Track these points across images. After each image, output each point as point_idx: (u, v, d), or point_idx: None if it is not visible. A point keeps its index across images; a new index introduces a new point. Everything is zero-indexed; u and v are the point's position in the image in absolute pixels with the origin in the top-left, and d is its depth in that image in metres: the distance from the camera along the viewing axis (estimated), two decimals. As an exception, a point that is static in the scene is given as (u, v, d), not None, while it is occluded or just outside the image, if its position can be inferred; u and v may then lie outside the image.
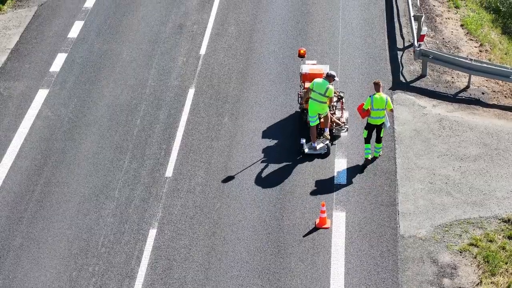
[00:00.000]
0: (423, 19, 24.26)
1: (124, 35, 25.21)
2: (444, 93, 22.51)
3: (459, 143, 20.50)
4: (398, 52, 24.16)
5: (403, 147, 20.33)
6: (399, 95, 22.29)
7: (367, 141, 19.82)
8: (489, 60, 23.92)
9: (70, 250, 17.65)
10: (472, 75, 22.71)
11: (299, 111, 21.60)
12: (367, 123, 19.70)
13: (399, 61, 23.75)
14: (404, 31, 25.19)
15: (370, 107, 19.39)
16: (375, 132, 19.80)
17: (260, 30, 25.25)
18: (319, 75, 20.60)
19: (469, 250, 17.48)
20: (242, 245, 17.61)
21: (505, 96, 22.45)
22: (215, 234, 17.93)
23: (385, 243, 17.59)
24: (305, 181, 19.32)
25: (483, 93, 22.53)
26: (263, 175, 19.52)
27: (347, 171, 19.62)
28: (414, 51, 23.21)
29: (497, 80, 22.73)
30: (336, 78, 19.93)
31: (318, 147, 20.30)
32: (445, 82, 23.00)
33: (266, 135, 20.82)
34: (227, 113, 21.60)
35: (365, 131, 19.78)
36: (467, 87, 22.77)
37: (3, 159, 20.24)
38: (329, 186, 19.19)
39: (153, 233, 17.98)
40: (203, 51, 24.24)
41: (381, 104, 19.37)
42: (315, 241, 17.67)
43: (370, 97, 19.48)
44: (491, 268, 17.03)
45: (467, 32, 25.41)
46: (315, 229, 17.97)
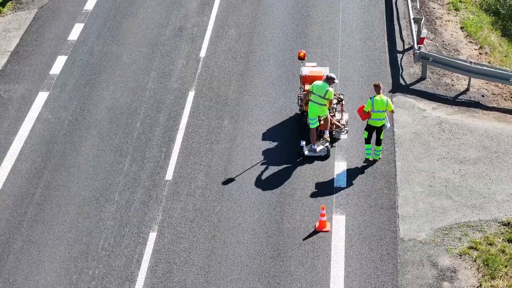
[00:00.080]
0: (423, 22, 24.29)
1: (124, 37, 25.24)
2: (444, 96, 22.53)
3: (459, 146, 20.52)
4: (398, 54, 24.19)
5: (403, 150, 20.35)
6: (399, 98, 22.31)
7: (368, 142, 19.86)
8: (489, 62, 23.96)
9: (70, 253, 17.66)
10: (472, 78, 22.73)
11: (299, 113, 21.62)
12: (367, 124, 19.74)
13: (399, 63, 23.78)
14: (404, 33, 25.22)
15: (370, 109, 19.43)
16: (375, 134, 19.84)
17: (260, 32, 25.28)
18: (319, 78, 20.61)
19: (468, 253, 17.49)
20: (242, 248, 17.63)
21: (505, 99, 22.47)
22: (215, 237, 17.95)
23: (384, 246, 17.61)
24: (305, 184, 19.34)
25: (483, 96, 22.56)
26: (263, 178, 19.54)
27: (347, 174, 19.64)
28: (414, 54, 23.24)
29: (496, 82, 22.75)
30: (336, 80, 19.96)
31: (318, 149, 20.33)
32: (445, 84, 23.02)
33: (266, 138, 20.84)
34: (227, 116, 21.62)
35: (365, 132, 19.81)
36: (467, 89, 22.80)
37: (3, 162, 20.25)
38: (329, 189, 19.21)
39: (153, 236, 18.00)
40: (203, 53, 24.27)
41: (382, 106, 19.41)
42: (315, 245, 17.69)
43: (370, 99, 19.52)
44: (490, 271, 17.04)
45: (467, 34, 25.44)
46: (315, 232, 17.99)
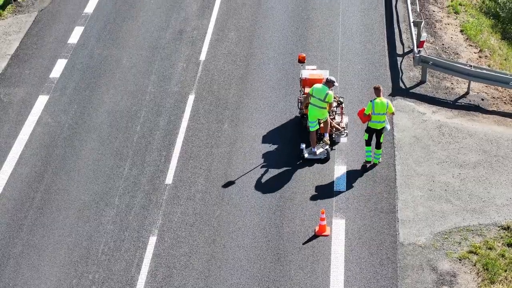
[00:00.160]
0: (422, 25, 24.30)
1: (124, 40, 25.25)
2: (443, 99, 22.55)
3: (458, 149, 20.53)
4: (397, 58, 24.21)
5: (403, 154, 20.36)
6: (399, 102, 22.32)
7: (368, 144, 19.89)
8: (489, 66, 23.97)
9: (70, 257, 17.68)
10: (471, 81, 22.74)
11: (298, 116, 21.64)
12: (368, 126, 19.77)
13: (399, 67, 23.80)
14: (403, 36, 25.24)
15: (371, 112, 19.46)
16: (375, 137, 19.85)
17: (260, 35, 25.29)
18: (319, 81, 20.64)
19: (468, 257, 17.50)
20: (242, 253, 17.65)
21: (505, 102, 22.48)
22: (215, 241, 17.96)
23: (384, 250, 17.63)
24: (304, 188, 19.35)
25: (482, 99, 22.57)
26: (263, 182, 19.56)
27: (347, 178, 19.65)
28: (413, 57, 23.26)
29: (496, 86, 22.76)
30: (335, 83, 19.98)
31: (318, 152, 20.35)
32: (444, 88, 23.03)
33: (266, 141, 20.86)
34: (227, 119, 21.64)
35: (366, 133, 19.85)
36: (467, 93, 22.81)
37: (3, 166, 20.27)
38: (329, 193, 19.23)
39: (153, 240, 18.01)
40: (203, 57, 24.29)
41: (382, 108, 19.44)
42: (314, 249, 17.70)
43: (371, 101, 19.55)
44: (490, 275, 17.05)
45: (466, 37, 25.45)
46: (315, 236, 18.00)
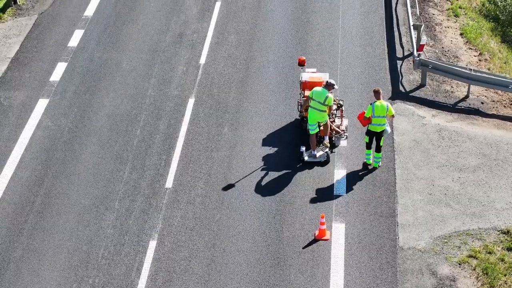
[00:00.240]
0: (422, 28, 24.32)
1: (124, 44, 25.27)
2: (443, 103, 22.56)
3: (458, 153, 20.55)
4: (397, 61, 24.23)
5: (403, 158, 20.38)
6: (399, 105, 22.34)
7: (369, 147, 19.94)
8: (489, 69, 24.00)
9: (70, 261, 17.69)
10: (471, 85, 22.76)
11: (298, 118, 21.67)
12: (368, 129, 19.80)
13: (399, 70, 23.82)
14: (403, 40, 25.26)
15: (371, 114, 19.49)
16: (374, 140, 19.88)
17: (260, 39, 25.31)
18: (319, 83, 20.66)
19: (468, 262, 17.52)
20: (241, 257, 17.66)
21: (504, 106, 22.51)
22: (215, 245, 17.98)
23: (384, 255, 17.64)
24: (304, 192, 19.37)
25: (482, 103, 22.59)
26: (263, 186, 19.57)
27: (347, 181, 19.67)
28: (413, 61, 23.28)
29: (496, 89, 22.78)
30: (335, 86, 20.00)
31: (317, 155, 20.38)
32: (444, 91, 23.06)
33: (265, 145, 20.87)
34: (227, 123, 21.66)
35: (366, 136, 19.88)
36: (467, 96, 22.83)
37: (4, 169, 20.28)
38: (329, 197, 19.24)
39: (153, 244, 18.02)
40: (203, 60, 24.30)
41: (382, 111, 19.47)
42: (314, 253, 17.72)
43: (371, 104, 19.58)
44: (490, 280, 17.06)
45: (466, 41, 25.47)
46: (315, 240, 18.02)
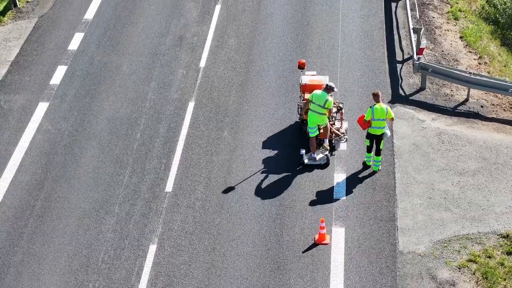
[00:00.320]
0: (422, 32, 24.32)
1: (124, 47, 25.28)
2: (443, 107, 22.57)
3: (458, 157, 20.56)
4: (397, 64, 24.23)
5: (402, 162, 20.39)
6: (398, 109, 22.35)
7: (369, 150, 20.00)
8: (488, 72, 24.00)
9: (70, 266, 17.71)
10: (471, 88, 22.77)
11: (298, 121, 21.68)
12: (368, 133, 19.82)
13: (399, 74, 23.82)
14: (403, 43, 25.26)
15: (371, 118, 19.51)
16: (374, 144, 19.91)
17: (259, 42, 25.32)
18: (319, 86, 20.69)
19: (467, 266, 17.53)
20: (241, 261, 17.68)
21: (504, 109, 22.51)
22: (214, 250, 17.99)
23: (384, 259, 17.65)
24: (304, 196, 19.38)
25: (482, 106, 22.60)
26: (263, 190, 19.59)
27: (346, 185, 19.68)
28: (413, 64, 23.28)
29: (496, 93, 22.79)
30: (335, 89, 20.02)
31: (317, 157, 20.39)
32: (444, 95, 23.07)
33: (265, 149, 20.88)
34: (227, 127, 21.67)
35: (367, 140, 19.92)
36: (466, 100, 22.84)
37: (4, 173, 20.30)
38: (328, 201, 19.26)
39: (153, 248, 18.04)
40: (202, 63, 24.31)
41: (382, 114, 19.50)
42: (314, 257, 17.73)
43: (370, 108, 19.61)
44: (489, 284, 17.08)
45: (466, 44, 25.47)
46: (315, 245, 18.04)
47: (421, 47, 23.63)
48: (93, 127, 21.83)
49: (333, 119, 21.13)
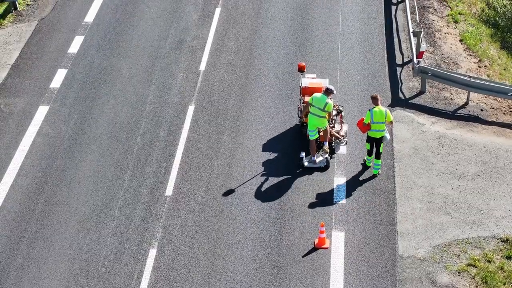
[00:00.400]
0: (422, 35, 24.34)
1: (124, 50, 25.29)
2: (443, 110, 22.59)
3: (457, 161, 20.58)
4: (397, 68, 24.25)
5: (402, 166, 20.41)
6: (398, 112, 22.37)
7: (370, 154, 20.04)
8: (488, 76, 24.02)
9: (70, 270, 17.72)
10: (471, 92, 22.78)
11: (298, 124, 21.71)
12: (368, 136, 19.86)
13: (398, 77, 23.84)
14: (403, 46, 25.28)
15: (370, 121, 19.55)
16: (375, 147, 19.94)
17: (259, 45, 25.33)
18: (319, 89, 20.73)
19: (467, 270, 17.54)
20: (241, 266, 17.69)
21: (504, 113, 22.53)
22: (214, 254, 18.01)
23: (384, 263, 17.67)
24: (304, 200, 19.40)
25: (482, 110, 22.61)
26: (263, 194, 19.60)
27: (346, 189, 19.70)
28: (413, 68, 23.29)
29: (495, 97, 22.80)
30: (334, 91, 20.07)
31: (317, 160, 20.42)
32: (444, 98, 23.08)
33: (265, 152, 20.90)
34: (227, 130, 21.68)
35: (367, 143, 19.97)
36: (466, 103, 22.85)
37: (4, 177, 20.31)
38: (328, 205, 19.26)
39: (153, 253, 18.06)
40: (202, 67, 24.32)
41: (381, 117, 19.53)
42: (314, 262, 17.75)
43: (369, 111, 19.65)
44: (489, 289, 17.14)
45: (466, 47, 25.49)
46: (314, 249, 18.05)
47: (421, 50, 23.65)
48: (93, 131, 21.85)
49: (333, 122, 21.16)
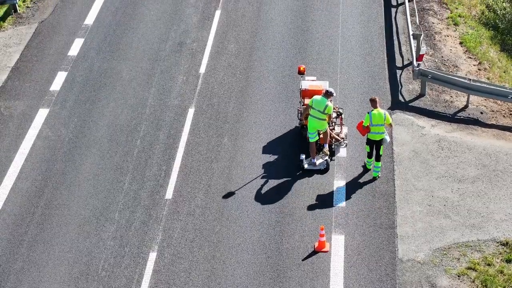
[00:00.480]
0: (422, 38, 24.34)
1: (124, 53, 25.30)
2: (443, 113, 22.60)
3: (457, 164, 20.59)
4: (397, 70, 24.25)
5: (402, 169, 20.42)
6: (398, 115, 22.38)
7: (370, 156, 20.05)
8: (488, 78, 24.02)
9: (70, 273, 17.73)
10: (470, 95, 22.79)
11: (298, 126, 21.72)
12: (367, 138, 19.88)
13: (398, 80, 23.85)
14: (403, 49, 25.29)
15: (369, 123, 19.57)
16: (374, 149, 19.95)
17: (259, 48, 25.34)
18: (319, 92, 20.74)
19: (467, 274, 17.55)
20: (241, 269, 17.70)
21: (504, 115, 22.54)
22: (214, 257, 18.01)
23: (383, 267, 17.68)
24: (304, 203, 19.41)
25: (481, 113, 22.62)
26: (263, 197, 19.61)
27: (346, 193, 19.71)
28: (413, 71, 23.30)
29: (495, 99, 22.81)
30: (334, 94, 20.09)
31: (317, 162, 20.44)
32: (444, 101, 23.09)
33: (265, 156, 20.90)
34: (227, 133, 21.69)
35: (367, 146, 19.99)
36: (466, 106, 22.86)
37: (4, 180, 20.32)
38: (328, 208, 19.27)
39: (153, 256, 18.06)
40: (202, 69, 24.33)
41: (380, 119, 19.56)
42: (314, 265, 17.75)
43: (368, 113, 19.68)
44: (489, 292, 17.15)
45: (466, 50, 25.49)
46: (314, 252, 18.06)
47: (420, 53, 23.66)
48: (93, 134, 21.86)
49: (333, 124, 21.18)
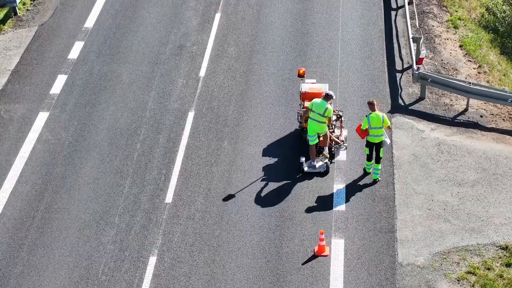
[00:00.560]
0: (421, 41, 24.36)
1: (124, 56, 25.32)
2: (442, 116, 22.61)
3: (457, 168, 20.60)
4: (397, 74, 24.27)
5: (402, 172, 20.43)
6: (398, 119, 22.38)
7: (369, 159, 20.06)
8: (488, 81, 24.04)
9: (70, 278, 17.73)
10: (470, 98, 22.80)
11: (298, 129, 21.74)
12: (367, 141, 19.91)
13: (398, 83, 23.86)
14: (403, 52, 25.30)
15: (368, 126, 19.60)
16: (374, 152, 19.97)
17: (259, 51, 25.35)
18: (319, 94, 20.78)
19: (467, 278, 17.55)
20: (241, 273, 17.71)
21: (503, 119, 22.55)
22: (214, 261, 18.02)
23: (383, 271, 17.68)
24: (304, 207, 19.41)
25: (481, 116, 22.63)
26: (263, 201, 19.62)
27: (346, 196, 19.71)
28: (412, 74, 23.31)
29: (495, 103, 22.81)
30: (334, 97, 20.11)
31: (317, 165, 20.45)
32: (443, 105, 23.10)
33: (265, 159, 20.92)
34: (227, 137, 21.70)
35: (367, 148, 20.01)
36: (466, 110, 22.87)
37: (4, 184, 20.32)
38: (328, 212, 19.28)
39: (153, 260, 18.07)
40: (202, 72, 24.34)
41: (378, 122, 19.60)
42: (313, 269, 17.76)
43: (366, 116, 19.74)
44: (488, 297, 17.15)
45: (465, 53, 25.51)
46: (314, 256, 18.06)
47: (420, 56, 23.67)
48: (93, 137, 21.87)
49: (333, 127, 21.20)
